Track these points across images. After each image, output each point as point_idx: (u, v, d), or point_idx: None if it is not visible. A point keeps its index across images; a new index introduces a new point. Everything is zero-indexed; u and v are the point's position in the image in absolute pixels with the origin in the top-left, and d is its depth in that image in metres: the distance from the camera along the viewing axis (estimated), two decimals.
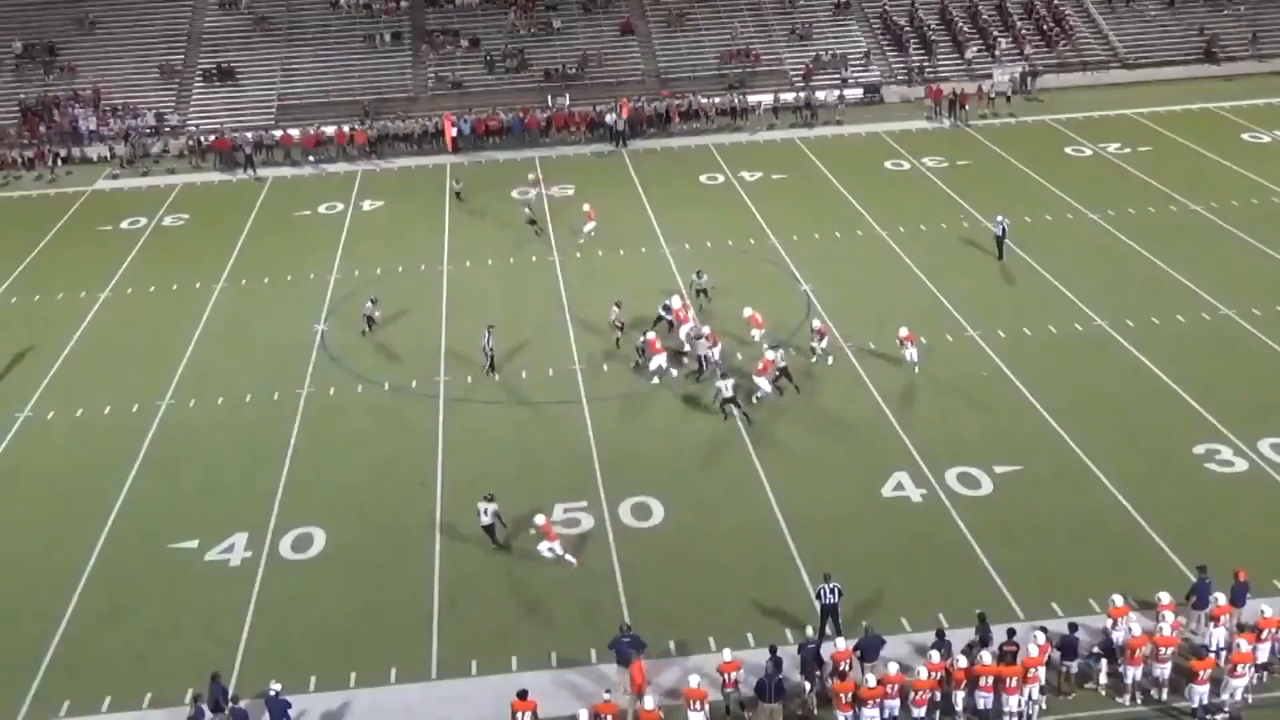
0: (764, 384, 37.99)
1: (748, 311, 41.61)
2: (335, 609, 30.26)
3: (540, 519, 31.46)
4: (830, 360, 40.29)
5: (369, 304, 44.17)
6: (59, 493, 35.87)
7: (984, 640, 26.67)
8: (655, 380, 39.67)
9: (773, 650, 26.35)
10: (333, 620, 29.88)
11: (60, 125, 69.99)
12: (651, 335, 40.37)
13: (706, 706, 25.40)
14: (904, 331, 39.57)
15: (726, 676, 26.16)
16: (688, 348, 40.46)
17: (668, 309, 42.10)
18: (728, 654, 26.46)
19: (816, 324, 40.89)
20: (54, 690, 28.01)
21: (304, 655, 28.69)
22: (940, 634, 26.84)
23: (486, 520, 31.88)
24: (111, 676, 28.31)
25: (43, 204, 61.59)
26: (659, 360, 39.57)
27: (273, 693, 25.80)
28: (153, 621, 30.05)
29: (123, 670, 28.50)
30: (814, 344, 40.45)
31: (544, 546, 30.94)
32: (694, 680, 25.50)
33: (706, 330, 40.33)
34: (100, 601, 30.84)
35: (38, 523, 34.45)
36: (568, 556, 30.97)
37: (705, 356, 39.65)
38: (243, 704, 26.07)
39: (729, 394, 37.18)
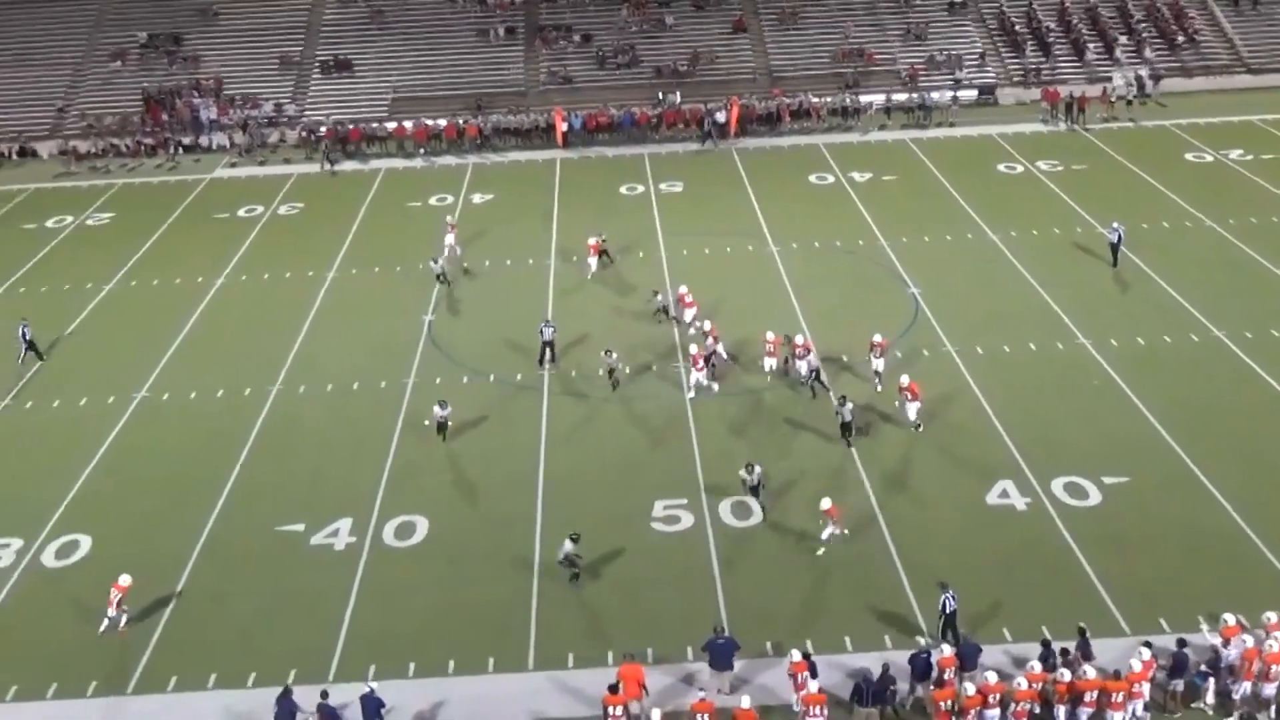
0: (913, 411, 36.59)
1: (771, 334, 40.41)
2: (435, 597, 30.60)
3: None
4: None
5: (438, 408, 37.17)
6: (172, 473, 36.70)
7: (1085, 654, 26.23)
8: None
9: (806, 656, 26.36)
10: (433, 608, 30.20)
11: (181, 114, 71.64)
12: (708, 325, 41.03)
13: (825, 710, 25.22)
14: (878, 338, 38.92)
15: (798, 678, 25.94)
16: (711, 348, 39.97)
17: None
18: (796, 654, 26.28)
19: (877, 338, 39.32)
20: (163, 665, 28.69)
21: (404, 642, 29.04)
22: (1046, 645, 26.48)
23: (565, 553, 30.85)
24: (217, 655, 28.91)
25: (164, 191, 63.14)
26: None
27: (368, 690, 25.96)
28: (258, 602, 30.64)
29: (228, 649, 29.09)
30: (872, 357, 38.90)
31: None
32: (814, 686, 25.31)
33: (772, 336, 39.80)
34: (209, 580, 31.50)
35: (150, 501, 35.27)
36: None
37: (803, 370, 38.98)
38: (331, 701, 26.20)
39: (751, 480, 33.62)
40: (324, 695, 26.32)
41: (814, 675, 25.86)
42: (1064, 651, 26.49)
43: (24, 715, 27.41)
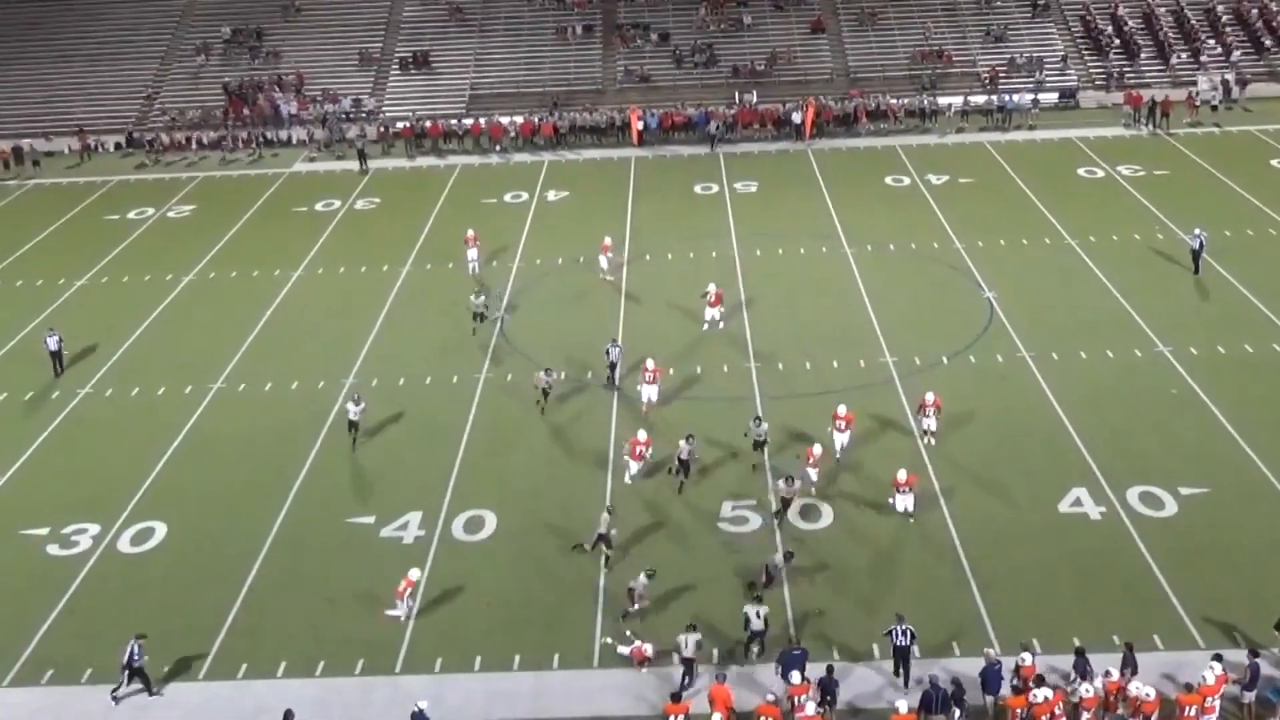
0: (907, 503, 33.29)
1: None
2: (502, 592, 30.66)
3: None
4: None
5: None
6: (246, 463, 37.15)
7: (1132, 666, 25.88)
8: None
9: (829, 670, 26.17)
10: (499, 603, 30.25)
11: (262, 109, 72.54)
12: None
13: None
14: (930, 396, 36.00)
15: (796, 700, 25.31)
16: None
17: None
18: (796, 677, 25.73)
19: (930, 397, 36.33)
20: (233, 652, 29.01)
21: (470, 635, 29.16)
22: (1080, 652, 26.14)
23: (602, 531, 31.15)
24: (287, 643, 29.19)
25: (244, 184, 64.03)
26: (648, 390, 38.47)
27: (418, 709, 25.60)
28: (328, 592, 30.85)
29: (298, 638, 29.35)
30: (925, 418, 36.31)
31: None
32: (903, 706, 24.98)
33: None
34: (280, 569, 31.82)
35: (225, 491, 35.71)
36: None
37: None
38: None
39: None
40: None
41: (828, 699, 25.71)
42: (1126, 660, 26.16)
43: (96, 697, 27.80)
